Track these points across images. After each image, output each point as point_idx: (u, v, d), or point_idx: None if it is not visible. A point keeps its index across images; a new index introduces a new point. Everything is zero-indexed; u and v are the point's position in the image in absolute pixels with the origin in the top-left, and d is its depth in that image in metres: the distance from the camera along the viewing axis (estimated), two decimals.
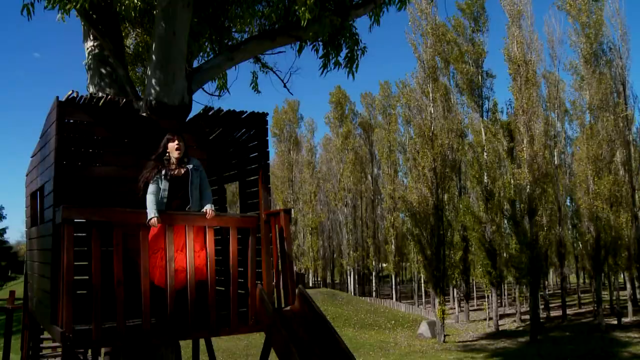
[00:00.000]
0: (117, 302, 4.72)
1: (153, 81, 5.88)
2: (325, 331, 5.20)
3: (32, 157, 6.58)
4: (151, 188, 5.10)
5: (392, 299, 53.16)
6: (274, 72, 10.33)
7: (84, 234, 5.70)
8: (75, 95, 5.35)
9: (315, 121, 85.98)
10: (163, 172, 5.21)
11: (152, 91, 5.90)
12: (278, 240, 5.98)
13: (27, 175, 6.99)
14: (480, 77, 37.25)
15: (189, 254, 5.07)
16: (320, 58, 7.46)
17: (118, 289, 4.75)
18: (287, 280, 5.90)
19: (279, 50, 10.06)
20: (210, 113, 6.19)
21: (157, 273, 5.14)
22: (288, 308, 5.80)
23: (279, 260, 6.01)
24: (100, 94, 5.60)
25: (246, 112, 6.28)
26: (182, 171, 5.29)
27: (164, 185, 5.16)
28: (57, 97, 5.32)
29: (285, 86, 10.33)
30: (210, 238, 5.21)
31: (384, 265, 60.12)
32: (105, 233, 4.87)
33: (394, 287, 55.38)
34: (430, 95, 33.45)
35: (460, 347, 27.61)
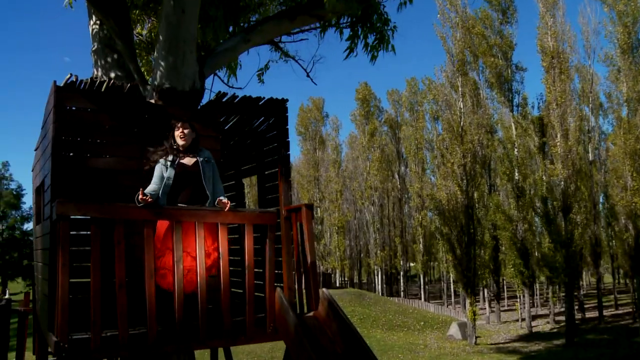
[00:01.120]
0: (119, 307, 4.21)
1: (161, 65, 5.37)
2: (353, 341, 4.61)
3: (35, 150, 6.14)
4: (154, 177, 4.60)
5: (420, 299, 52.21)
6: (296, 60, 9.80)
7: (88, 232, 5.21)
8: (74, 80, 4.86)
9: (340, 119, 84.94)
10: (170, 158, 4.68)
11: (160, 76, 5.39)
12: (299, 238, 5.42)
13: (32, 171, 6.57)
14: (509, 70, 36.06)
15: (199, 253, 4.53)
16: (346, 40, 6.88)
17: (120, 293, 4.24)
18: (309, 282, 5.32)
19: (301, 37, 9.51)
20: (224, 99, 5.65)
21: (168, 276, 4.61)
22: (311, 314, 5.22)
23: (301, 261, 5.45)
24: (103, 79, 5.08)
25: (264, 98, 5.73)
26: (192, 161, 4.76)
27: (169, 173, 4.63)
28: (55, 82, 4.83)
29: (308, 75, 9.81)
30: (223, 236, 4.66)
31: (411, 264, 59.21)
32: (109, 231, 4.39)
33: (422, 287, 54.38)
34: (460, 89, 32.49)
35: (492, 350, 26.67)
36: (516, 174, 34.40)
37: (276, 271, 5.12)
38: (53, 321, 4.41)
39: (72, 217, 4.32)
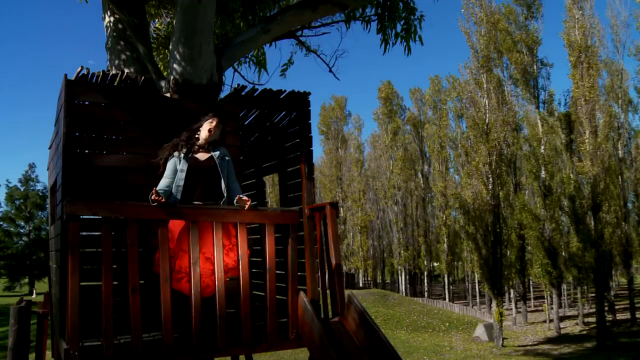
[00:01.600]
0: (132, 312, 3.96)
1: (176, 56, 5.11)
2: (382, 350, 4.28)
3: (49, 148, 5.94)
4: (167, 170, 4.36)
5: (444, 299, 51.50)
6: (318, 55, 9.54)
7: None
8: (86, 73, 4.63)
9: (362, 118, 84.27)
10: (184, 150, 4.42)
11: (176, 68, 5.13)
12: (323, 239, 5.12)
13: (47, 170, 6.37)
14: (535, 66, 35.24)
15: (217, 255, 4.25)
16: (377, 33, 6.58)
17: (133, 297, 3.99)
18: (334, 285, 5.02)
19: (323, 31, 9.22)
20: (243, 93, 5.38)
21: (183, 280, 4.35)
22: (336, 319, 4.91)
23: (325, 262, 5.15)
24: (117, 73, 4.83)
25: (285, 91, 5.44)
26: (205, 157, 4.49)
27: (182, 165, 4.37)
28: (66, 76, 4.60)
29: (331, 70, 9.54)
30: (243, 236, 4.38)
31: (435, 264, 58.50)
32: (123, 231, 4.14)
33: (446, 287, 53.65)
34: (485, 85, 31.82)
35: (520, 352, 26.01)
36: (543, 172, 33.60)
37: (299, 273, 4.83)
38: (64, 327, 4.20)
39: (84, 217, 4.11)
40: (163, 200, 4.03)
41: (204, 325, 4.16)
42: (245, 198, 4.32)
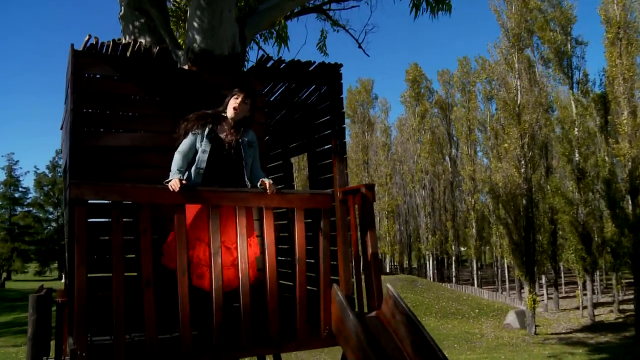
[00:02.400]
0: (146, 307, 3.53)
1: (195, 24, 4.62)
2: (426, 350, 3.78)
3: (60, 128, 5.54)
4: (182, 145, 3.86)
5: (473, 284, 50.69)
6: (347, 30, 9.02)
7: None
8: (95, 42, 4.17)
9: (389, 101, 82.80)
10: (207, 128, 3.91)
11: (194, 37, 4.65)
12: (359, 225, 4.62)
13: (62, 153, 5.99)
14: (569, 45, 33.85)
15: (240, 244, 3.79)
16: None
17: (147, 291, 3.56)
18: (370, 276, 4.53)
19: (352, 4, 8.70)
20: (268, 65, 4.87)
21: (205, 273, 3.90)
22: (373, 314, 4.42)
23: (360, 251, 4.66)
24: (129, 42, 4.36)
25: (314, 62, 4.91)
26: (231, 139, 3.97)
27: (205, 145, 3.87)
28: (72, 46, 4.15)
29: (360, 46, 9.02)
30: (269, 223, 3.91)
31: (462, 249, 57.58)
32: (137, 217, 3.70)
33: (475, 272, 52.81)
34: (516, 65, 30.70)
35: (554, 340, 25.23)
36: (576, 155, 32.42)
37: (331, 262, 4.36)
38: (72, 323, 3.80)
39: (95, 202, 3.70)
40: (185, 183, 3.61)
41: (226, 321, 3.72)
42: (268, 182, 3.84)
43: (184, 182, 3.62)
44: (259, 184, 3.92)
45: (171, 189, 3.54)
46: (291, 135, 6.07)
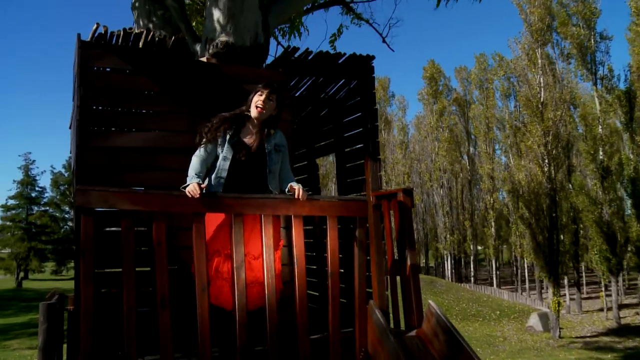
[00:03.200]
0: (161, 331, 3.12)
1: (214, 12, 4.19)
2: None
3: (69, 127, 5.15)
4: (201, 149, 3.43)
5: (491, 284, 49.85)
6: (370, 24, 8.57)
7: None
8: (103, 32, 3.75)
9: (407, 99, 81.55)
10: (229, 133, 3.47)
11: (213, 27, 4.21)
12: (394, 233, 4.16)
13: (70, 153, 5.60)
14: (592, 39, 32.91)
15: (267, 256, 3.36)
16: None
17: (163, 313, 3.14)
18: (409, 290, 4.07)
19: None
20: (295, 56, 4.42)
21: (224, 289, 3.48)
22: (413, 334, 3.95)
23: (397, 261, 4.19)
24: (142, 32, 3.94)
25: (344, 54, 4.46)
26: (255, 143, 3.52)
27: (226, 152, 3.43)
28: (79, 36, 3.74)
29: (384, 41, 8.58)
30: (298, 232, 3.47)
31: (479, 248, 56.71)
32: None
33: (494, 272, 51.91)
34: (539, 61, 29.91)
35: (580, 345, 24.46)
36: (600, 153, 31.54)
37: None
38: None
39: (100, 209, 3.28)
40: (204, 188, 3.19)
41: (250, 341, 3.29)
42: (298, 187, 3.40)
43: (203, 186, 3.20)
44: (287, 190, 3.48)
45: (189, 195, 3.12)
46: (317, 134, 5.62)
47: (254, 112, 3.49)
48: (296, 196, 3.37)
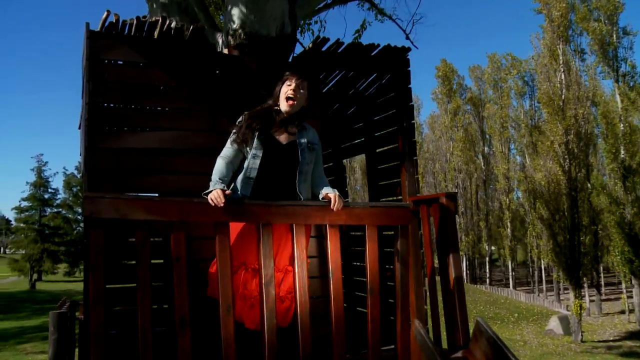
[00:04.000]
0: (180, 354, 2.75)
1: (237, 2, 3.80)
2: None
3: (79, 128, 4.79)
4: (227, 148, 3.03)
5: (507, 286, 49.12)
6: (393, 20, 8.21)
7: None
8: (114, 20, 3.38)
9: (421, 98, 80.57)
10: (257, 130, 3.05)
11: (237, 17, 3.83)
12: (435, 242, 3.76)
13: (80, 155, 5.26)
14: (615, 35, 32.14)
15: (299, 270, 2.97)
16: None
17: (182, 334, 2.77)
18: (454, 306, 3.66)
19: None
20: (324, 48, 4.01)
21: (245, 308, 3.11)
22: (459, 355, 3.55)
23: (440, 274, 3.80)
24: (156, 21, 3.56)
25: (378, 46, 4.04)
26: (287, 139, 3.11)
27: (256, 149, 3.02)
28: (88, 25, 3.38)
29: (407, 37, 8.21)
30: (334, 243, 3.07)
31: (492, 248, 55.97)
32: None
33: (510, 273, 51.15)
34: (561, 57, 29.23)
35: (603, 349, 23.82)
36: (622, 152, 30.79)
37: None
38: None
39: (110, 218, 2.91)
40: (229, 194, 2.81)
41: None
42: (334, 194, 3.00)
43: (228, 193, 2.82)
44: (321, 196, 3.09)
45: (213, 204, 2.73)
46: (345, 133, 5.22)
47: (284, 106, 3.07)
48: (332, 206, 2.96)
